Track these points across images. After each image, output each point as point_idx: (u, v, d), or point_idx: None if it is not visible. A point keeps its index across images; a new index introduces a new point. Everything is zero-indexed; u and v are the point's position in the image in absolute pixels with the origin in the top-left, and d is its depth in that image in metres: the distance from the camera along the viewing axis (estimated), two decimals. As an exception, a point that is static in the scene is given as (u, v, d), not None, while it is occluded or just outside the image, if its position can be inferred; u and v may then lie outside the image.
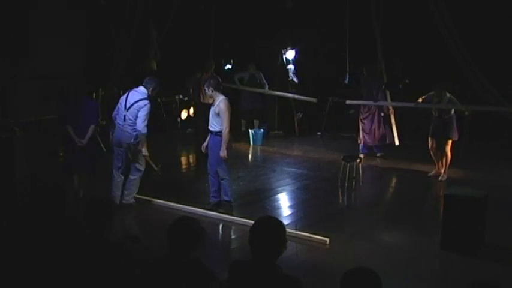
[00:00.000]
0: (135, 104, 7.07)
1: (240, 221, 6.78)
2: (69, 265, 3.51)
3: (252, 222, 3.29)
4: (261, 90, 11.97)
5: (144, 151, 7.21)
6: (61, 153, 8.71)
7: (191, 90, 10.46)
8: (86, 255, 3.52)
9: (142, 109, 7.03)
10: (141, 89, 7.16)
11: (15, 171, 7.11)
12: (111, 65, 10.53)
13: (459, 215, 5.90)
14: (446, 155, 8.81)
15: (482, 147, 10.86)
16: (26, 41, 9.75)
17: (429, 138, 8.93)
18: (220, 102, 6.89)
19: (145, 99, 7.08)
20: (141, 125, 7.02)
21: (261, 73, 12.00)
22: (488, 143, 11.06)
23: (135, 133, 7.06)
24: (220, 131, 6.91)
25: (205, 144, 7.23)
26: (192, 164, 9.88)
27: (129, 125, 7.11)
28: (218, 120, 6.91)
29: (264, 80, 11.96)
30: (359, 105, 10.70)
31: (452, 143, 8.79)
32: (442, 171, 8.88)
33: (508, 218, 6.98)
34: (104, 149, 10.25)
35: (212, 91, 6.97)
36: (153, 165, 7.56)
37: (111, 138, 7.69)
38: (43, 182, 7.18)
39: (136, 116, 7.03)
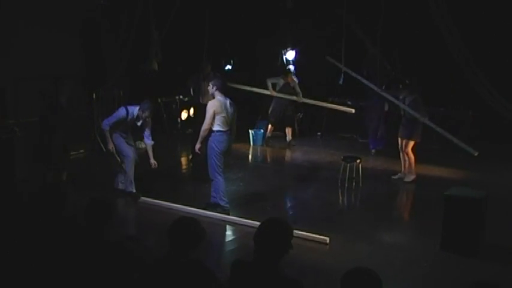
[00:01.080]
0: None
1: (240, 221, 6.77)
2: (69, 265, 3.50)
3: (252, 222, 3.31)
4: (293, 98, 11.42)
5: (109, 147, 7.47)
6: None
7: (191, 91, 10.43)
8: (86, 255, 3.51)
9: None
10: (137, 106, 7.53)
11: (15, 172, 7.12)
12: (110, 66, 10.53)
13: (459, 215, 5.90)
14: (408, 155, 8.79)
15: (482, 147, 10.85)
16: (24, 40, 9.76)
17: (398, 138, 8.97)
18: (209, 102, 7.05)
19: (124, 107, 7.55)
20: (104, 120, 7.57)
21: (296, 81, 11.53)
22: (488, 144, 11.04)
23: None
24: (213, 131, 6.99)
25: (198, 146, 7.29)
26: (192, 165, 9.87)
27: None
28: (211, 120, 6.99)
29: (299, 89, 11.46)
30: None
31: (414, 144, 8.77)
32: (406, 171, 8.86)
33: (508, 218, 6.99)
34: (104, 149, 10.27)
35: (215, 90, 7.05)
36: (118, 158, 7.60)
37: None
38: (42, 183, 7.20)
39: None
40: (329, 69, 11.69)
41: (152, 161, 7.63)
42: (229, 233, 6.76)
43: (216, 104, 6.97)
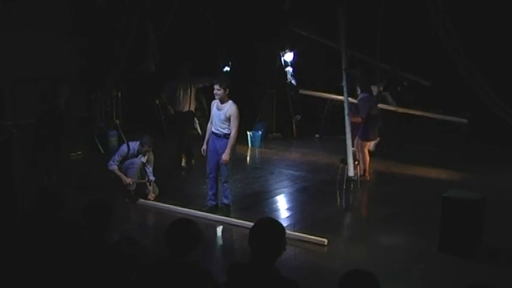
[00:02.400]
0: None
1: (238, 223, 6.77)
2: (67, 266, 3.50)
3: (250, 224, 3.30)
4: (392, 108, 10.73)
5: (127, 182, 7.56)
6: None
7: (164, 97, 9.79)
8: (84, 257, 3.51)
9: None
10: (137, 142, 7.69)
11: (12, 173, 7.10)
12: (109, 67, 10.52)
13: (457, 217, 5.91)
14: (362, 155, 8.97)
15: (480, 149, 10.87)
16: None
17: None
18: (232, 106, 6.92)
19: (126, 143, 7.78)
20: (109, 162, 7.69)
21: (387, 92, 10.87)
22: (485, 145, 11.07)
23: None
24: (229, 134, 6.93)
25: (205, 147, 7.25)
26: (189, 167, 9.86)
27: None
28: (227, 123, 6.92)
29: (391, 99, 10.83)
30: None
31: (362, 143, 8.97)
32: (361, 171, 8.99)
33: (506, 220, 6.99)
34: (102, 151, 10.26)
35: (227, 92, 6.93)
36: (140, 181, 7.76)
37: None
38: (41, 184, 7.19)
39: None
40: (327, 71, 11.72)
41: (151, 196, 7.68)
42: (227, 235, 6.76)
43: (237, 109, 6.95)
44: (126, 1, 10.31)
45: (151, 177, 7.72)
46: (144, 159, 7.63)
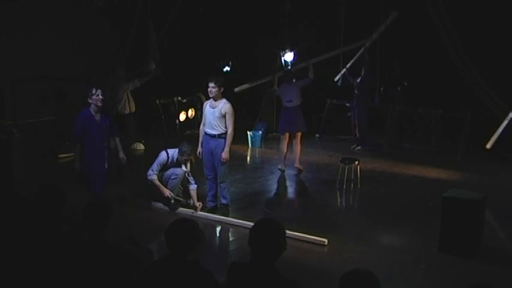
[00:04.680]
0: None
1: (238, 223, 6.77)
2: (68, 267, 3.50)
3: (250, 224, 3.30)
4: None
5: (165, 195, 7.17)
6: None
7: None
8: (84, 257, 3.51)
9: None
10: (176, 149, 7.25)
11: (13, 172, 7.12)
12: (109, 67, 10.53)
13: (457, 217, 5.90)
14: None
15: (481, 149, 10.86)
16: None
17: None
18: (226, 103, 6.91)
19: (165, 151, 7.27)
20: (148, 172, 7.22)
21: None
22: (486, 144, 11.05)
23: None
24: (224, 133, 6.92)
25: (200, 149, 7.22)
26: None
27: None
28: (222, 122, 6.90)
29: None
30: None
31: (287, 137, 9.43)
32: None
33: (506, 220, 6.99)
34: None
35: (222, 90, 6.90)
36: (180, 199, 7.37)
37: None
38: (41, 183, 7.18)
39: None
40: (327, 71, 11.71)
41: (196, 204, 7.18)
42: (227, 235, 6.75)
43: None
44: (127, 1, 10.33)
45: (194, 185, 7.27)
46: (186, 169, 7.25)
